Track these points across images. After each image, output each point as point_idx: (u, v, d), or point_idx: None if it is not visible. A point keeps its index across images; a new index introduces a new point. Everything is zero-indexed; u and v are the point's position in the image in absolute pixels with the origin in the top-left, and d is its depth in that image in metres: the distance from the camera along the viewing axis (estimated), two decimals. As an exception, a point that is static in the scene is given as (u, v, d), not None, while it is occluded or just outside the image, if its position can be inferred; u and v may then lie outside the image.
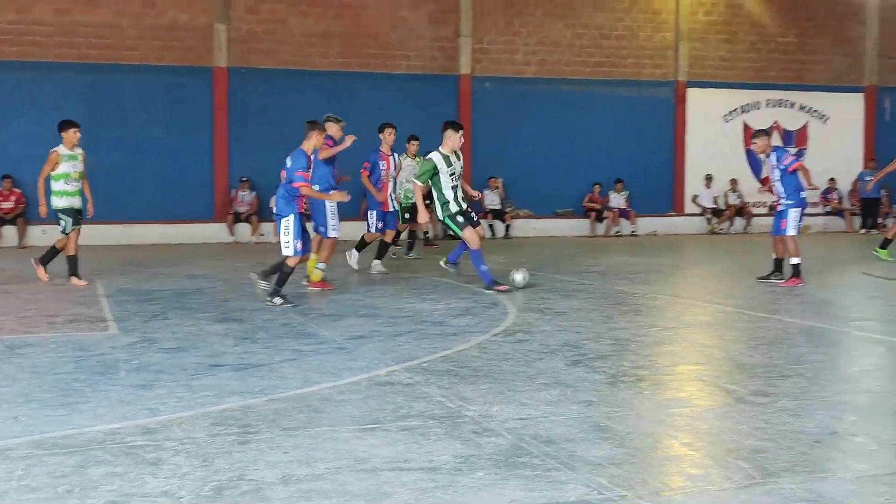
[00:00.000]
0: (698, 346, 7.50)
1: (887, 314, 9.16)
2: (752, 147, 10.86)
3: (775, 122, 25.18)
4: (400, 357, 6.60)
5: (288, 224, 9.43)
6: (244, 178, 19.78)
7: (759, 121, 25.15)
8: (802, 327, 8.11)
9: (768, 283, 11.05)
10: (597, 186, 22.18)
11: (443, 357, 6.62)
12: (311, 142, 9.73)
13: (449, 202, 10.28)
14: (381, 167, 12.66)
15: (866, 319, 8.86)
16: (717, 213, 23.85)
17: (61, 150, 11.05)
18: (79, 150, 11.18)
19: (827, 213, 24.58)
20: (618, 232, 22.03)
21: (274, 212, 9.76)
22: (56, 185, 11.07)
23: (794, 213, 10.93)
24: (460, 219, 10.28)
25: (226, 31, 20.70)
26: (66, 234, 11.18)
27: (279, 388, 5.65)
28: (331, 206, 10.68)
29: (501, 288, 10.21)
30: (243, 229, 19.68)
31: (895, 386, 5.83)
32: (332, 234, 10.80)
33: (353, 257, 12.64)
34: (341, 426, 4.75)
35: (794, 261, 10.88)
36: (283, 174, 9.70)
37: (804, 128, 25.36)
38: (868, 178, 24.15)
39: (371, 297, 10.18)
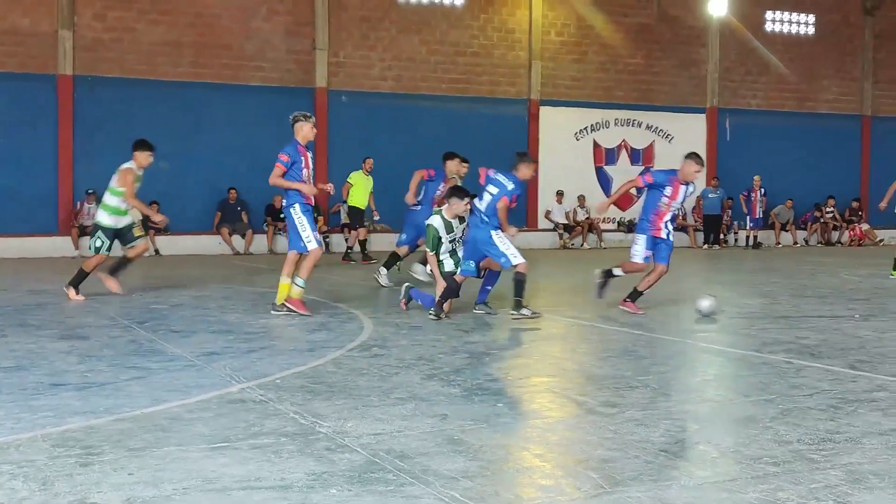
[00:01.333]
0: (551, 358, 7.64)
1: (727, 326, 9.55)
2: (690, 175, 10.04)
3: (623, 141, 26.02)
4: (252, 374, 6.48)
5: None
6: (90, 191, 19.11)
7: (608, 139, 25.98)
8: (649, 339, 8.36)
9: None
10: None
11: (297, 373, 6.53)
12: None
13: (444, 262, 10.06)
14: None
15: (708, 331, 9.21)
16: (568, 228, 24.43)
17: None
18: None
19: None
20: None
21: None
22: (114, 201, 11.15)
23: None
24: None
25: (71, 38, 20.02)
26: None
27: (125, 407, 5.46)
28: (298, 217, 9.64)
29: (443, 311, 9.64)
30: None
31: (735, 395, 6.07)
32: (310, 246, 9.68)
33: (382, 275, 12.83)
34: (190, 445, 4.62)
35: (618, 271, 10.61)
36: None
37: (650, 147, 26.30)
38: (711, 195, 25.23)
39: (224, 312, 9.97)
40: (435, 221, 9.95)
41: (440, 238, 9.92)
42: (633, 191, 10.96)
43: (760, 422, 5.14)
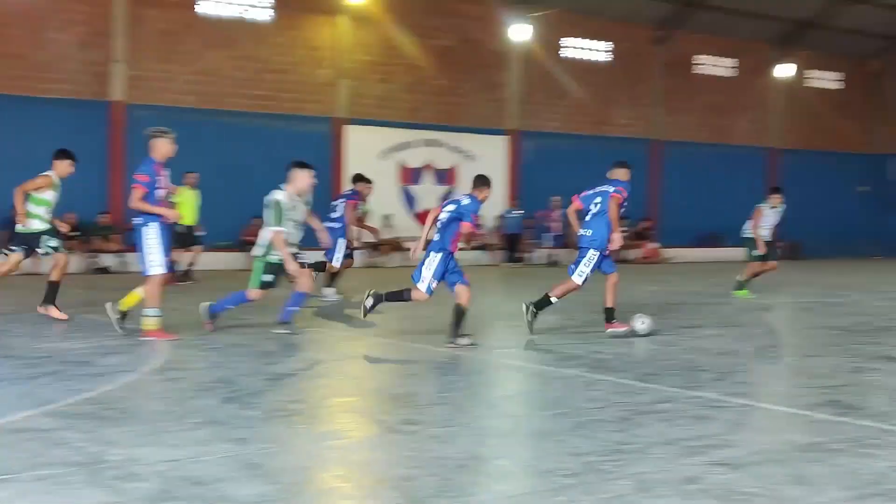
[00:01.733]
0: (353, 378, 7.61)
1: (527, 342, 9.79)
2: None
3: (428, 161, 26.38)
4: (38, 400, 6.12)
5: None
6: None
7: (413, 159, 26.25)
8: (451, 356, 8.46)
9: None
10: (255, 220, 22.00)
11: (86, 399, 6.22)
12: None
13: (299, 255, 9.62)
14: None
15: (507, 347, 9.42)
16: (375, 247, 24.48)
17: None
18: None
19: (474, 248, 25.93)
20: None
21: None
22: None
23: None
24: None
25: None
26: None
27: None
28: (150, 239, 9.01)
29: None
30: None
31: (533, 410, 6.23)
32: (152, 270, 9.04)
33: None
34: (-34, 480, 4.31)
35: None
36: None
37: (454, 167, 26.75)
38: (511, 214, 25.89)
39: (7, 336, 9.39)
40: (279, 196, 9.55)
41: (283, 214, 9.47)
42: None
43: (556, 435, 5.29)
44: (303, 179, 9.71)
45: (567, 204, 10.91)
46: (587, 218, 10.05)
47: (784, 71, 33.16)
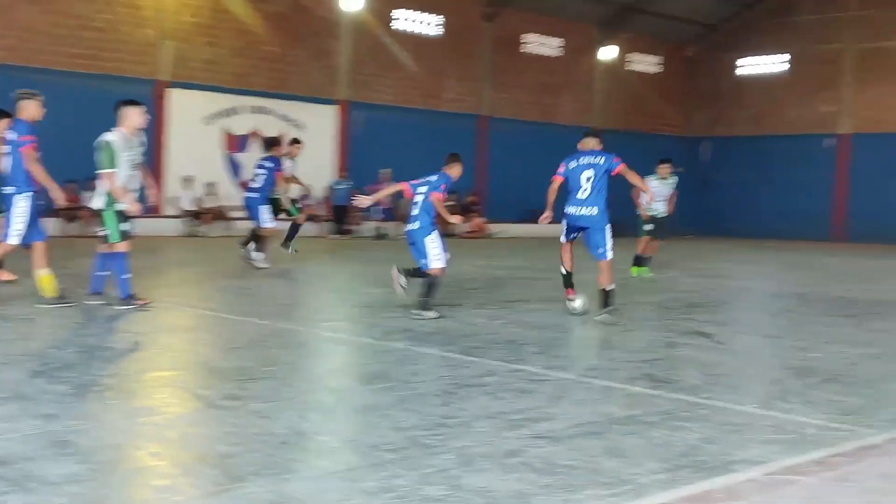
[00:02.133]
0: (173, 351, 7.35)
1: (352, 315, 9.74)
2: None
3: (255, 129, 25.84)
4: None
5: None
6: None
7: (239, 126, 25.66)
8: (276, 329, 8.31)
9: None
10: (69, 185, 20.97)
11: None
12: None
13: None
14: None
15: (334, 320, 9.34)
16: (197, 215, 23.85)
17: None
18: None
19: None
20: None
21: None
22: None
23: None
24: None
25: None
26: None
27: None
28: (22, 208, 8.86)
29: (141, 302, 8.96)
30: None
31: (357, 384, 6.17)
32: (12, 240, 8.93)
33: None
34: None
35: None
36: None
37: (281, 136, 26.28)
38: (340, 186, 25.71)
39: None
40: (110, 136, 8.87)
41: (116, 155, 8.82)
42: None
43: (380, 409, 5.26)
44: (134, 117, 9.04)
45: (398, 177, 10.85)
46: (583, 196, 9.36)
47: (607, 53, 34.22)
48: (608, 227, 9.38)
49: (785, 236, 31.98)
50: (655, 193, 14.35)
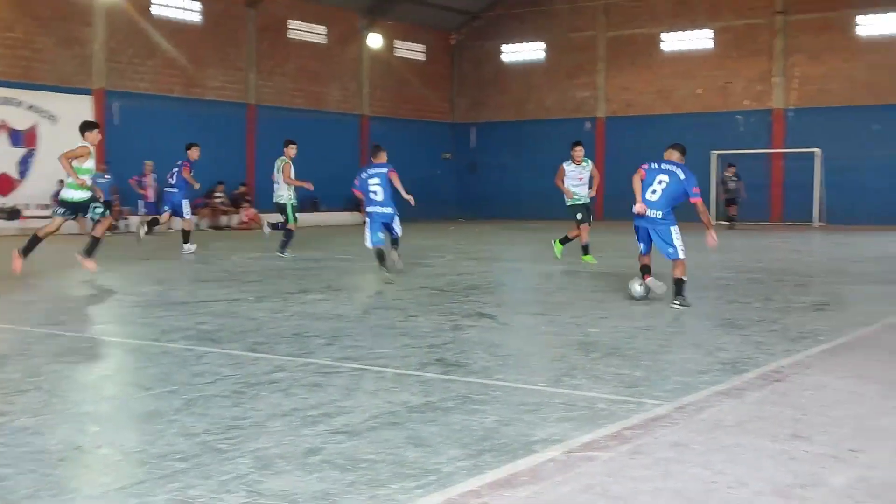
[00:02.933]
0: (-79, 366, 6.65)
1: (124, 316, 9.21)
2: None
3: (3, 121, 24.12)
4: None
5: None
6: None
7: (-15, 118, 23.88)
8: (40, 336, 7.71)
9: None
10: None
11: None
12: None
13: None
14: None
15: (105, 322, 8.79)
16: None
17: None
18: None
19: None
20: None
21: None
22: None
23: None
24: None
25: None
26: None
27: None
28: None
29: None
30: None
31: (137, 389, 5.78)
32: None
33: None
34: None
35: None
36: None
37: (33, 128, 24.70)
38: (101, 180, 24.35)
39: None
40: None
41: None
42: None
43: (165, 415, 4.94)
44: None
45: (162, 168, 10.54)
46: (654, 198, 9.75)
47: (373, 41, 34.29)
48: (675, 229, 9.70)
49: (547, 217, 33.24)
50: (575, 178, 14.72)
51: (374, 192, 12.70)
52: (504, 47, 37.51)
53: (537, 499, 3.61)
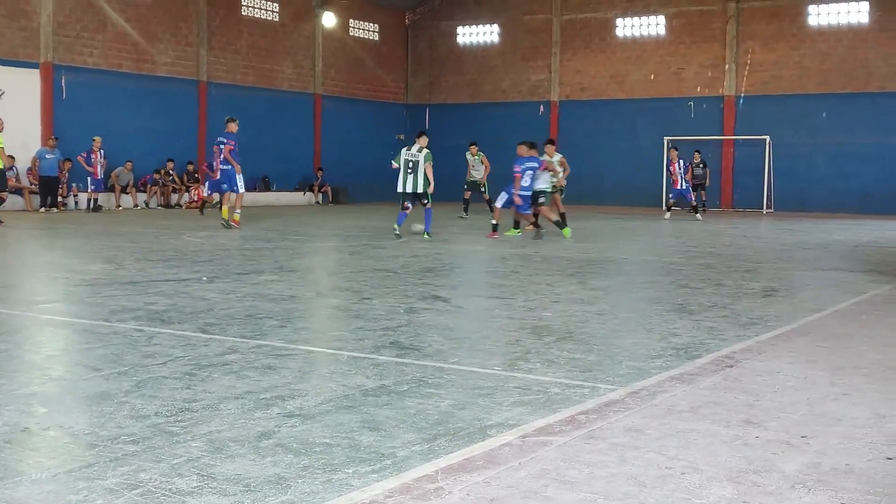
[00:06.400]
0: None
1: (71, 294, 9.05)
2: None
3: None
4: None
5: None
6: None
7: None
8: (-16, 314, 7.55)
9: None
10: None
11: None
12: None
13: None
14: None
15: (49, 302, 8.63)
16: None
17: None
18: None
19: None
20: None
21: None
22: None
23: None
24: None
25: None
26: None
27: None
28: None
29: None
30: None
31: (85, 370, 5.67)
32: None
33: None
34: None
35: None
36: None
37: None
38: (48, 156, 23.93)
39: None
40: None
41: None
42: None
43: (115, 397, 4.86)
44: None
45: (113, 144, 10.33)
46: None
47: (327, 19, 34.02)
48: None
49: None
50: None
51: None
52: (459, 28, 37.40)
53: (493, 483, 3.60)
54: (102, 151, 24.67)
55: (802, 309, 8.54)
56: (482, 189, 23.07)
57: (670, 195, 26.39)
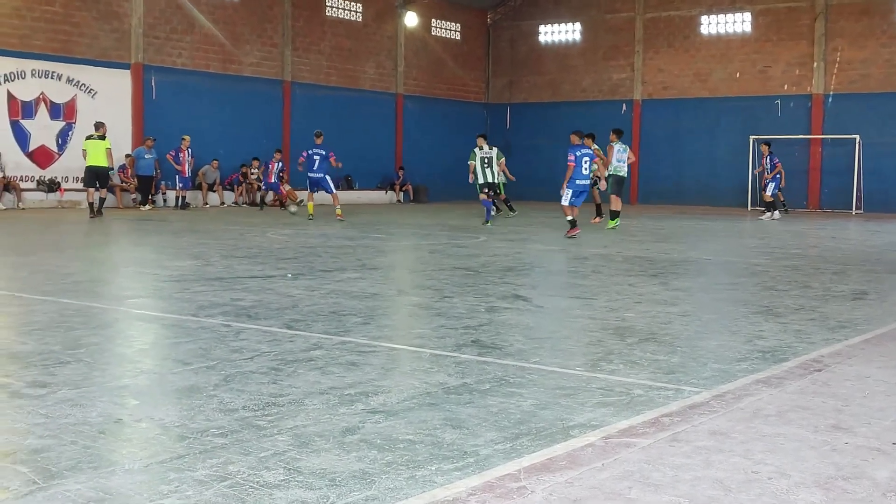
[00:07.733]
0: (-36, 336, 6.74)
1: (161, 290, 9.27)
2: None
3: (42, 94, 24.31)
4: None
5: None
6: None
7: (25, 90, 24.10)
8: (79, 308, 7.79)
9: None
10: None
11: None
12: None
13: None
14: None
15: (139, 297, 8.86)
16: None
17: None
18: None
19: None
20: None
21: None
22: None
23: None
24: None
25: None
26: None
27: None
28: None
29: None
30: None
31: (175, 364, 5.82)
32: None
33: None
34: None
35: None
36: None
37: (73, 101, 24.90)
38: (147, 156, 24.52)
39: None
40: None
41: None
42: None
43: (204, 391, 4.97)
44: None
45: (199, 144, 10.54)
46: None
47: (409, 19, 34.21)
48: None
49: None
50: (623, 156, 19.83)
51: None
52: (541, 27, 37.27)
53: (576, 484, 3.59)
54: (190, 150, 25.23)
55: (893, 313, 8.32)
56: (498, 190, 23.19)
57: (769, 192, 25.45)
